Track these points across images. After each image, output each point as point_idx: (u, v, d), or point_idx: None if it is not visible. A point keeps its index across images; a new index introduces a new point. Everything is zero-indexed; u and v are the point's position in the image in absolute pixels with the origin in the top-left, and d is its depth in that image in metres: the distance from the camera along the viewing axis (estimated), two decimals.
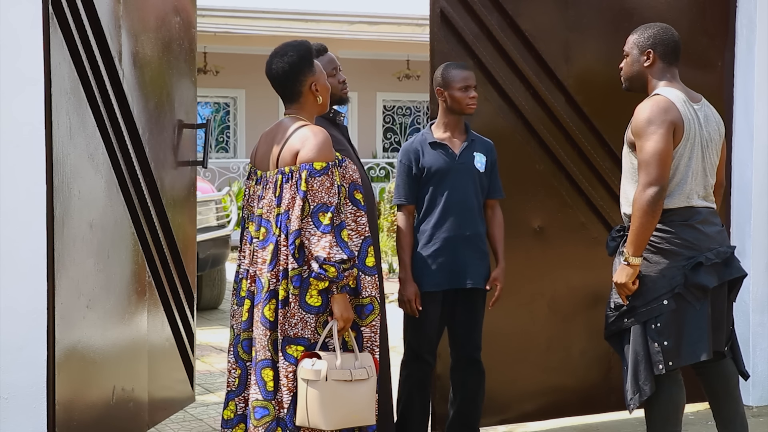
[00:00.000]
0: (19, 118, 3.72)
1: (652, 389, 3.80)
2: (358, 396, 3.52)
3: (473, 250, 4.25)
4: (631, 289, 3.82)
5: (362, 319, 3.64)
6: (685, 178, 3.81)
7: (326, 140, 3.56)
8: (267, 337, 3.55)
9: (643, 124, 3.76)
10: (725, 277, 3.85)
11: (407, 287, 4.22)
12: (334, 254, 3.43)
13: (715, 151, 3.91)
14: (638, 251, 3.77)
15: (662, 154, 3.72)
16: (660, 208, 3.73)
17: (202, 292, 8.60)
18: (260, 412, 3.55)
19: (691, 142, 3.81)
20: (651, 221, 3.73)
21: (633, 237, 3.76)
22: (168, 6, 4.72)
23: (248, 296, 3.67)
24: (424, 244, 4.24)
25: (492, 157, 4.36)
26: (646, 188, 3.71)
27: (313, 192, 3.49)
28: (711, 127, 3.89)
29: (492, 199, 4.37)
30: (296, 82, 3.67)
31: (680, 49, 3.96)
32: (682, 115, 3.78)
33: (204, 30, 12.00)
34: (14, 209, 3.73)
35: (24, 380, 3.75)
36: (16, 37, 3.71)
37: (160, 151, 4.58)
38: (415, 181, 4.27)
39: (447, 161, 4.24)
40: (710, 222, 3.86)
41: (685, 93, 3.89)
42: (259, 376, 3.56)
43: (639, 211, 3.72)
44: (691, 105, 3.86)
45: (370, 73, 16.45)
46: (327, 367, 3.46)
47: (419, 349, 4.30)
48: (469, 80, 4.26)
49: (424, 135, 4.32)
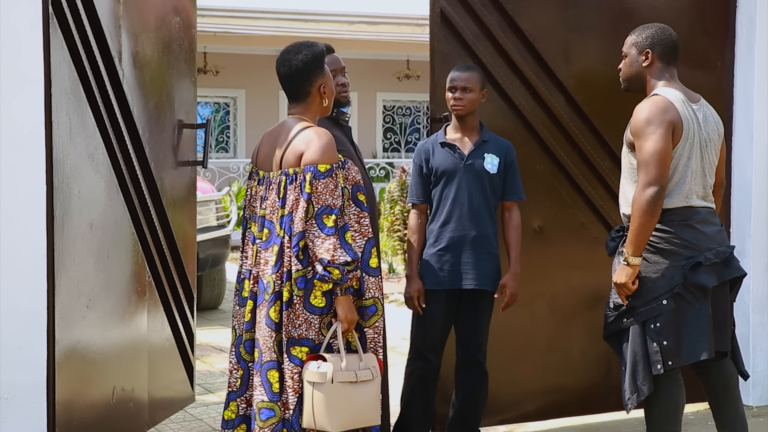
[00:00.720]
0: (19, 118, 3.72)
1: (650, 389, 3.80)
2: (363, 397, 3.53)
3: (479, 251, 4.25)
4: (630, 289, 3.82)
5: (365, 321, 3.65)
6: (684, 178, 3.81)
7: (330, 142, 3.56)
8: (272, 339, 3.55)
9: (642, 124, 3.76)
10: (725, 276, 3.84)
11: (411, 284, 4.26)
12: (338, 256, 3.43)
13: (714, 151, 3.91)
14: (638, 251, 3.77)
15: (661, 153, 3.72)
16: (659, 207, 3.73)
17: (202, 292, 8.60)
18: (266, 413, 3.55)
19: (690, 142, 3.81)
20: (650, 221, 3.73)
21: (632, 237, 3.75)
22: (168, 6, 4.72)
23: (251, 297, 3.67)
24: (431, 243, 4.28)
25: (508, 157, 4.34)
26: (646, 188, 3.71)
27: (317, 194, 3.49)
28: (710, 128, 3.89)
29: (508, 200, 4.36)
30: (306, 81, 3.67)
31: (679, 48, 3.96)
32: (681, 115, 3.78)
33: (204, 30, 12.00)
34: (14, 209, 3.73)
35: (24, 380, 3.75)
36: (16, 37, 3.71)
37: (160, 151, 4.58)
38: (426, 181, 4.30)
39: (455, 162, 4.25)
40: (709, 222, 3.86)
41: (684, 93, 3.89)
42: (265, 378, 3.56)
43: (639, 211, 3.72)
44: (690, 105, 3.86)
45: (370, 73, 16.45)
46: (332, 369, 3.46)
47: (422, 346, 4.31)
48: (456, 81, 4.26)
49: (438, 135, 4.36)
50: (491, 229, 4.29)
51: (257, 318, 3.63)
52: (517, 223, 4.35)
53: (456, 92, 4.26)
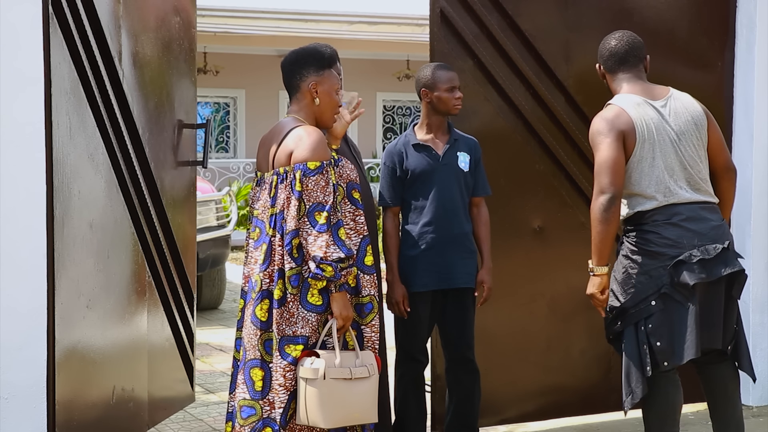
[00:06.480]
0: (19, 118, 3.72)
1: (644, 391, 3.80)
2: (358, 394, 3.52)
3: (460, 249, 4.26)
4: (600, 299, 3.86)
5: (362, 318, 3.65)
6: (656, 179, 3.80)
7: (320, 139, 3.56)
8: (257, 337, 3.56)
9: (592, 136, 3.86)
10: (715, 273, 3.77)
11: (395, 289, 4.23)
12: (330, 253, 3.43)
13: (693, 142, 3.87)
14: (602, 261, 3.82)
15: (610, 161, 3.75)
16: (613, 215, 3.74)
17: (202, 292, 8.60)
18: (247, 411, 3.56)
19: (650, 143, 3.80)
20: (606, 229, 3.75)
21: (593, 247, 3.80)
22: (168, 6, 4.72)
23: (242, 296, 3.70)
24: (411, 245, 4.25)
25: (476, 154, 4.36)
26: (598, 196, 3.76)
27: (308, 191, 3.49)
28: (681, 119, 3.86)
29: (477, 196, 4.38)
30: (296, 74, 3.68)
31: (620, 53, 3.95)
32: (633, 120, 3.79)
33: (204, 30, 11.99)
34: (14, 209, 3.73)
35: (24, 380, 3.75)
36: (16, 37, 3.71)
37: (160, 151, 4.58)
38: (400, 183, 4.28)
39: (431, 163, 4.25)
40: (701, 218, 3.82)
41: (645, 93, 3.89)
42: (248, 376, 3.56)
43: (594, 220, 3.77)
44: (651, 104, 3.85)
45: (370, 73, 16.44)
46: (325, 365, 3.46)
47: (411, 349, 4.31)
48: (455, 81, 4.28)
49: (407, 137, 4.33)
50: (468, 226, 4.31)
51: (245, 316, 3.64)
52: (486, 219, 4.38)
53: (455, 91, 4.26)
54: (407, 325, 4.28)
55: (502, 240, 4.66)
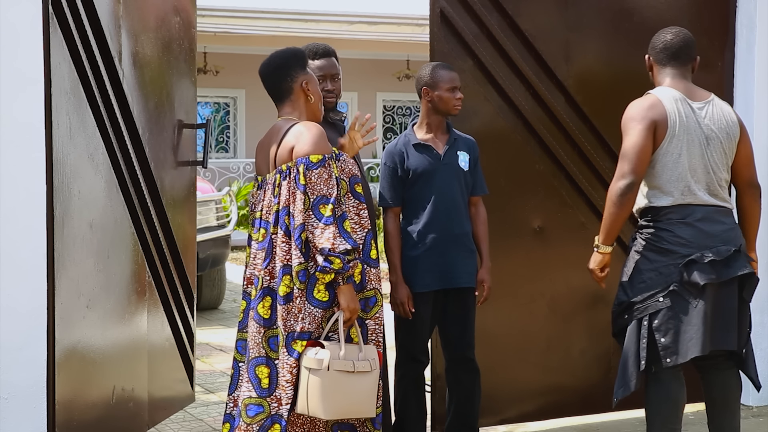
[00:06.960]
0: (19, 118, 3.72)
1: (636, 386, 3.83)
2: (359, 388, 3.53)
3: (461, 249, 4.26)
4: (599, 276, 3.95)
5: (366, 312, 3.66)
6: (677, 175, 3.82)
7: (320, 133, 3.58)
8: (261, 335, 3.56)
9: (625, 121, 3.89)
10: (726, 275, 3.80)
11: (399, 290, 4.22)
12: (338, 245, 3.44)
13: (721, 149, 3.89)
14: (608, 240, 3.91)
15: (637, 148, 3.79)
16: (629, 200, 3.81)
17: (202, 292, 8.60)
18: (254, 409, 3.55)
19: (679, 139, 3.82)
20: (619, 212, 3.82)
21: (603, 226, 3.89)
22: (168, 6, 4.72)
23: (244, 297, 3.70)
24: (412, 246, 4.24)
25: (474, 154, 4.36)
26: (618, 180, 3.81)
27: (312, 185, 3.50)
28: (715, 125, 3.88)
29: (475, 196, 4.38)
30: (287, 77, 3.71)
31: (674, 48, 3.97)
32: (667, 112, 3.81)
33: (204, 30, 12.00)
34: (14, 209, 3.73)
35: (24, 380, 3.75)
36: (16, 37, 3.71)
37: (160, 151, 4.58)
38: (401, 183, 4.27)
39: (432, 162, 4.24)
40: (714, 220, 3.85)
41: (686, 92, 3.91)
42: (253, 374, 3.56)
43: (609, 201, 3.84)
44: (690, 103, 3.86)
45: (370, 73, 16.45)
46: (330, 356, 3.47)
47: (413, 349, 4.31)
48: (456, 81, 4.28)
49: (407, 136, 4.32)
50: (468, 226, 4.32)
51: (249, 316, 3.64)
52: (484, 218, 4.38)
53: (456, 92, 4.26)
54: (408, 325, 4.27)
55: (502, 240, 4.66)
